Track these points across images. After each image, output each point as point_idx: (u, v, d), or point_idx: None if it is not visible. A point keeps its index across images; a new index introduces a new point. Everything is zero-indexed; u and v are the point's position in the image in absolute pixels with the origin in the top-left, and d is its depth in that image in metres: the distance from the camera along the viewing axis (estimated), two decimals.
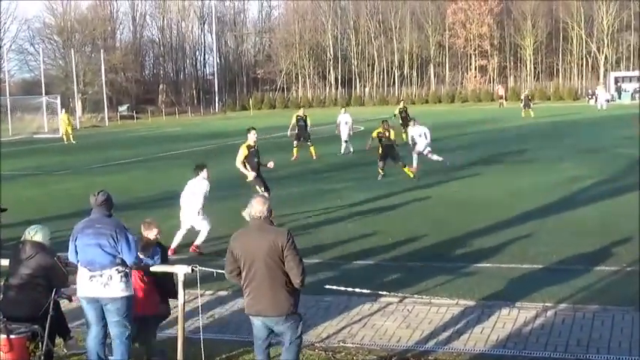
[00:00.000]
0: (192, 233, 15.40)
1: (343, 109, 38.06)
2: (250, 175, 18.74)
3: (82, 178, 29.17)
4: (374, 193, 22.58)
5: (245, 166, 18.79)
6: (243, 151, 18.83)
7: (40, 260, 8.71)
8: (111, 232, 8.45)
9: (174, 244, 15.12)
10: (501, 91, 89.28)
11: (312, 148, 33.02)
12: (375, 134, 25.85)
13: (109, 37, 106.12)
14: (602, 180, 23.18)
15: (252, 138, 19.02)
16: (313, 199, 21.53)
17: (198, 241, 15.27)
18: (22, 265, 8.72)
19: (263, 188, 18.59)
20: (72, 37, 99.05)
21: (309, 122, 34.46)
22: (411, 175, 24.82)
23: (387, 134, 25.43)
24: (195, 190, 15.51)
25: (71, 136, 53.10)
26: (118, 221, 8.67)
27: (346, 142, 34.70)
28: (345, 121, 35.19)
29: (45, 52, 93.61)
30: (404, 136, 39.69)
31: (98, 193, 8.68)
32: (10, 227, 15.02)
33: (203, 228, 15.34)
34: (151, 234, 9.64)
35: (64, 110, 58.96)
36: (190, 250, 15.09)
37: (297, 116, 34.98)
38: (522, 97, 64.45)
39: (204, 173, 15.66)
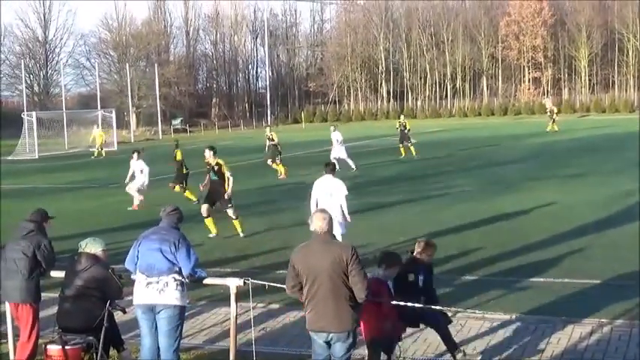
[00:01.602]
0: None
1: (333, 127, 36.77)
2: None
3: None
4: (425, 206, 22.48)
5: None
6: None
7: (95, 272, 8.81)
8: (174, 239, 8.69)
9: None
10: (549, 104, 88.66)
11: (279, 166, 33.04)
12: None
13: (162, 52, 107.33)
14: None
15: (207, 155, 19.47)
16: (363, 213, 21.46)
17: None
18: (77, 277, 8.83)
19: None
20: (127, 52, 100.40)
21: (275, 139, 34.22)
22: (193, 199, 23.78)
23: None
24: (332, 191, 15.29)
25: (96, 152, 54.33)
26: (183, 233, 8.92)
27: (340, 159, 33.43)
28: (336, 138, 34.24)
29: (100, 67, 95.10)
30: (402, 150, 39.80)
31: (171, 208, 9.10)
32: (64, 239, 15.23)
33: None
34: (420, 250, 9.52)
35: (95, 126, 59.91)
36: None
37: (266, 135, 35.41)
38: (548, 111, 63.50)
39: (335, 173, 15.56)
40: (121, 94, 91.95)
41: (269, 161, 34.00)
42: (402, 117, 44.00)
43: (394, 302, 8.59)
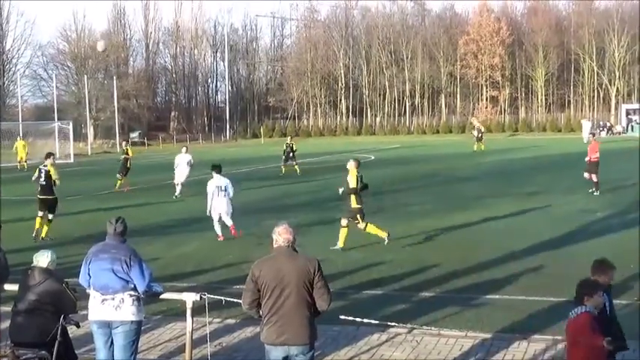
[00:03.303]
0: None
1: (185, 148, 33.32)
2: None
3: (91, 203, 29.19)
4: (382, 223, 22.50)
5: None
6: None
7: (49, 286, 8.69)
8: (125, 257, 8.53)
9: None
10: (476, 123, 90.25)
11: (120, 181, 34.60)
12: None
13: (121, 64, 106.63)
14: (612, 213, 23.07)
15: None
16: (321, 228, 21.47)
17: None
18: (31, 291, 8.69)
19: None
20: (85, 64, 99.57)
21: (130, 154, 35.79)
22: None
23: None
24: (223, 186, 19.80)
25: (18, 165, 53.85)
26: (133, 249, 8.75)
27: (182, 184, 31.15)
28: (187, 160, 31.53)
29: (58, 78, 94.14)
30: (283, 169, 40.43)
31: (116, 221, 8.79)
32: (18, 252, 15.04)
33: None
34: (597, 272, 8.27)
35: (19, 138, 59.31)
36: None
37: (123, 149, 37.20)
38: (476, 130, 64.42)
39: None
40: (79, 106, 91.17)
41: (118, 175, 35.02)
42: (289, 138, 44.53)
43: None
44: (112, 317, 8.49)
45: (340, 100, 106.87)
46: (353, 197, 18.23)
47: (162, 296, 9.29)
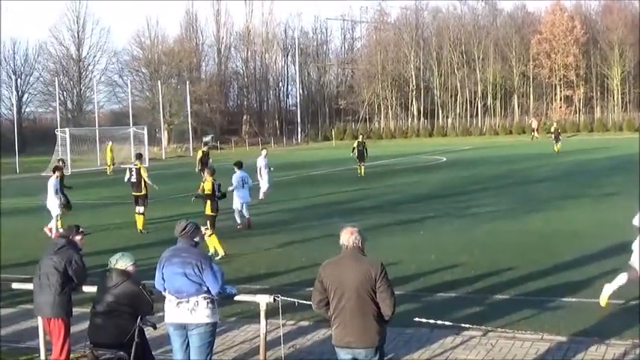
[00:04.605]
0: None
1: (265, 151, 33.46)
2: None
3: (165, 207, 29.57)
4: (456, 224, 22.38)
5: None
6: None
7: (126, 288, 8.84)
8: (196, 261, 8.62)
9: None
10: (534, 124, 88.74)
11: None
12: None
13: (194, 69, 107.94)
14: None
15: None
16: (394, 230, 21.42)
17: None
18: (108, 293, 8.85)
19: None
20: (159, 69, 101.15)
21: (210, 158, 37.02)
22: None
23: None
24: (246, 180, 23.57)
25: (111, 167, 55.65)
26: (203, 252, 8.83)
27: (269, 185, 31.16)
28: (266, 163, 31.38)
29: (133, 84, 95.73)
30: (358, 169, 40.12)
31: (181, 222, 8.91)
32: (94, 255, 15.34)
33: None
34: None
35: (110, 142, 60.55)
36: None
37: (202, 152, 37.91)
38: (552, 131, 63.51)
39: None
40: (153, 111, 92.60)
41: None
42: (360, 137, 44.19)
43: None
44: (187, 320, 8.61)
45: (411, 101, 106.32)
46: (208, 203, 18.99)
47: (236, 298, 9.38)
